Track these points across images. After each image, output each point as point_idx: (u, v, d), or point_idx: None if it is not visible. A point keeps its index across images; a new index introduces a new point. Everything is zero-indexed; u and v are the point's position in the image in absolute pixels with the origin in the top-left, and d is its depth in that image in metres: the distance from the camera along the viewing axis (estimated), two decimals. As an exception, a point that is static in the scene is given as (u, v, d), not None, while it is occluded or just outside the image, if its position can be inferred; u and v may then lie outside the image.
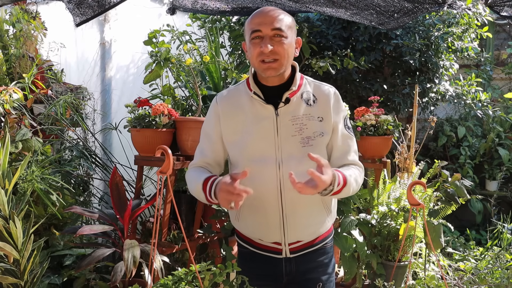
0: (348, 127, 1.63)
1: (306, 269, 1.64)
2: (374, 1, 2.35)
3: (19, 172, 1.71)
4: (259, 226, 1.60)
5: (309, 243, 1.63)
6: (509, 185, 4.89)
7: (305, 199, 1.52)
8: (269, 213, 1.55)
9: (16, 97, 2.24)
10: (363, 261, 2.43)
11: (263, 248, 1.63)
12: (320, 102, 1.58)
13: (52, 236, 2.37)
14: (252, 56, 1.50)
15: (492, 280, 2.57)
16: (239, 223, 1.66)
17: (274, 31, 1.46)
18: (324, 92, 1.60)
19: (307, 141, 1.53)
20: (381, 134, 2.60)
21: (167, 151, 1.38)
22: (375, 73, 3.88)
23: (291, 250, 1.60)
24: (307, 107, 1.56)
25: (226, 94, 1.64)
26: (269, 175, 1.52)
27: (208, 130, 1.63)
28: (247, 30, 1.52)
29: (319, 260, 1.66)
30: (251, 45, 1.50)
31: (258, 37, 1.48)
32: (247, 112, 1.56)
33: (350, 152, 1.61)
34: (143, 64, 3.43)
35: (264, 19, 1.47)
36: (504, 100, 5.12)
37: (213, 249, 2.71)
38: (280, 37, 1.47)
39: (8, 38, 2.74)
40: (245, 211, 1.62)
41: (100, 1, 2.06)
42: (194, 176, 1.57)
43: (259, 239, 1.63)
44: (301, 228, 1.59)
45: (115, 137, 3.20)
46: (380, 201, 2.59)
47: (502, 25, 5.47)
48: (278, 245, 1.60)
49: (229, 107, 1.60)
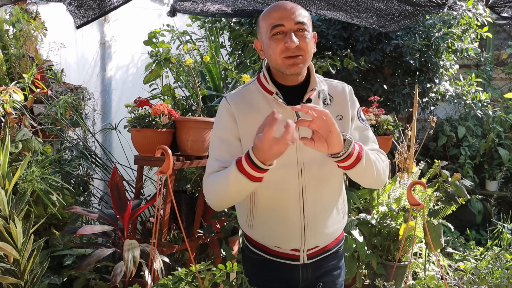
0: (362, 119, 1.56)
1: (322, 273, 1.60)
2: (375, 4, 2.35)
3: (19, 172, 1.71)
4: (277, 234, 1.52)
5: (324, 248, 1.58)
6: (509, 185, 4.89)
7: (325, 203, 1.49)
8: (289, 219, 1.48)
9: (16, 97, 2.24)
10: (363, 261, 2.43)
11: (280, 256, 1.55)
12: (337, 101, 1.51)
13: (52, 236, 2.36)
14: (274, 53, 1.39)
15: (492, 280, 2.57)
16: (253, 231, 1.57)
17: (297, 25, 1.37)
18: (339, 89, 1.54)
19: None
20: (381, 134, 2.60)
21: (167, 151, 1.38)
22: (375, 73, 3.88)
23: (308, 256, 1.55)
24: (325, 106, 1.49)
25: (237, 93, 1.52)
26: (291, 180, 1.45)
27: (222, 134, 1.48)
28: (265, 26, 1.41)
29: (332, 264, 1.62)
30: (272, 42, 1.38)
31: (281, 32, 1.37)
32: (263, 113, 1.37)
33: (368, 142, 1.52)
34: (143, 64, 3.43)
35: (286, 13, 1.37)
36: (504, 100, 5.13)
37: (213, 249, 2.71)
38: (303, 31, 1.38)
39: (8, 38, 2.74)
40: (261, 218, 1.54)
41: (101, 3, 2.06)
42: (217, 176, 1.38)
43: (277, 246, 1.54)
44: (320, 233, 1.53)
45: (115, 137, 3.20)
46: (380, 201, 2.59)
47: (502, 25, 5.47)
48: (296, 251, 1.53)
49: (243, 106, 1.47)
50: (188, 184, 2.72)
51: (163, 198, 2.26)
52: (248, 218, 1.56)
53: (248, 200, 1.54)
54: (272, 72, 1.48)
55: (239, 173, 1.26)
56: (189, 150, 2.30)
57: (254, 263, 1.61)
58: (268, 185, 1.39)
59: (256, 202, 1.52)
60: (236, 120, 1.46)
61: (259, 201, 1.51)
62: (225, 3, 2.86)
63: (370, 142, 1.52)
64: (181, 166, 2.26)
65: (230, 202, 1.46)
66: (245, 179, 1.26)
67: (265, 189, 1.44)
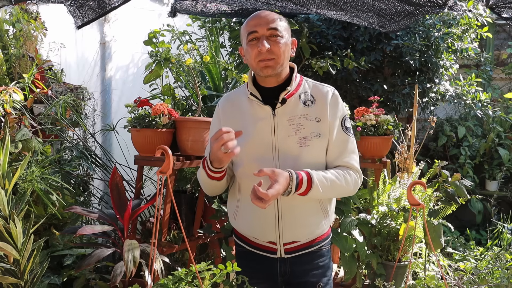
0: (346, 128, 1.61)
1: (302, 270, 1.64)
2: (375, 4, 2.35)
3: (19, 172, 1.71)
4: (255, 225, 1.62)
5: (305, 244, 1.63)
6: (509, 185, 4.90)
7: (301, 199, 1.52)
8: (265, 211, 1.55)
9: (16, 97, 2.24)
10: (363, 261, 2.43)
11: (258, 247, 1.65)
12: (318, 103, 1.58)
13: (52, 236, 2.36)
14: (251, 58, 1.53)
15: (492, 280, 2.57)
16: (236, 222, 1.68)
17: (270, 30, 1.50)
18: (322, 92, 1.60)
19: (304, 141, 1.54)
20: (381, 134, 2.60)
21: (167, 151, 1.38)
22: (375, 73, 3.88)
23: (286, 251, 1.61)
24: (305, 107, 1.57)
25: (227, 97, 1.69)
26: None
27: (211, 134, 1.66)
28: (244, 33, 1.55)
29: (315, 263, 1.66)
30: (249, 47, 1.53)
31: (255, 39, 1.51)
32: (246, 113, 1.59)
33: (344, 153, 1.59)
34: (143, 64, 3.43)
35: (260, 21, 1.52)
36: (504, 100, 5.13)
37: (213, 249, 2.71)
38: (276, 36, 1.50)
39: (8, 38, 2.74)
40: (242, 210, 1.64)
41: (101, 3, 2.06)
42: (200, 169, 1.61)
43: (255, 237, 1.64)
44: (297, 228, 1.59)
45: (114, 137, 3.20)
46: (380, 201, 2.59)
47: (502, 25, 5.47)
48: (273, 244, 1.61)
49: (228, 109, 1.64)
50: (188, 184, 2.72)
51: (163, 198, 2.26)
52: (234, 209, 1.68)
53: (236, 191, 1.66)
54: (255, 75, 1.61)
55: (203, 170, 1.54)
56: (189, 150, 2.30)
57: (239, 254, 1.74)
58: (248, 177, 1.55)
59: (240, 193, 1.65)
60: (221, 122, 1.64)
61: (242, 192, 1.64)
62: (225, 2, 2.86)
63: (346, 153, 1.60)
64: (181, 166, 2.26)
65: (211, 191, 1.66)
66: (205, 176, 1.54)
67: (246, 180, 1.58)
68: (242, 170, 1.60)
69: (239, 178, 1.63)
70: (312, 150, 1.54)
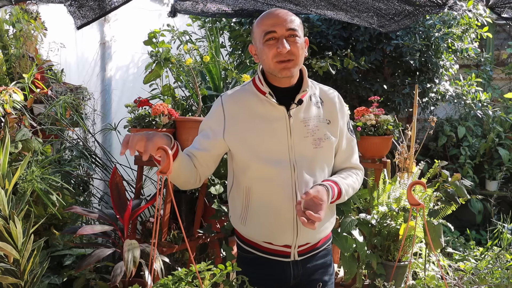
0: (350, 130, 1.67)
1: (311, 271, 1.65)
2: (375, 4, 2.35)
3: (19, 172, 1.71)
4: (270, 229, 1.57)
5: (314, 245, 1.64)
6: (509, 185, 4.89)
7: None
8: (282, 214, 1.54)
9: (16, 97, 2.24)
10: (363, 261, 2.43)
11: (271, 252, 1.61)
12: (327, 105, 1.60)
13: (52, 236, 2.36)
14: (267, 58, 1.48)
15: (492, 280, 2.57)
16: (246, 227, 1.62)
17: (289, 31, 1.46)
18: (330, 95, 1.63)
19: (318, 143, 1.54)
20: (381, 134, 2.60)
21: (167, 151, 1.38)
22: (375, 73, 3.88)
23: (299, 253, 1.60)
24: (317, 109, 1.58)
25: (232, 94, 1.60)
26: (284, 177, 1.51)
27: (204, 126, 1.61)
28: (258, 32, 1.50)
29: (322, 262, 1.67)
30: (265, 47, 1.48)
31: (273, 38, 1.47)
32: (257, 113, 1.54)
33: (353, 155, 1.66)
34: (143, 64, 3.43)
35: (278, 20, 1.47)
36: (504, 100, 5.13)
37: (213, 249, 2.71)
38: (295, 37, 1.47)
39: (8, 38, 2.74)
40: (253, 214, 1.59)
41: (101, 4, 2.06)
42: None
43: (269, 242, 1.60)
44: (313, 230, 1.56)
45: (115, 137, 3.20)
46: (380, 201, 2.59)
47: (502, 25, 5.47)
48: (287, 248, 1.59)
49: (236, 107, 1.56)
50: (188, 184, 2.71)
51: (163, 198, 2.26)
52: (242, 214, 1.61)
53: (243, 195, 1.59)
54: (266, 74, 1.57)
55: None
56: (189, 150, 2.30)
57: (246, 261, 1.66)
58: (262, 181, 1.51)
59: (251, 198, 1.58)
60: (225, 121, 1.55)
61: (253, 197, 1.58)
62: (225, 3, 2.86)
63: (354, 154, 1.68)
64: (181, 166, 2.26)
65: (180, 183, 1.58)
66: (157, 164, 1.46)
67: (259, 184, 1.54)
68: (253, 173, 1.55)
69: (249, 182, 1.57)
70: (325, 152, 1.56)
